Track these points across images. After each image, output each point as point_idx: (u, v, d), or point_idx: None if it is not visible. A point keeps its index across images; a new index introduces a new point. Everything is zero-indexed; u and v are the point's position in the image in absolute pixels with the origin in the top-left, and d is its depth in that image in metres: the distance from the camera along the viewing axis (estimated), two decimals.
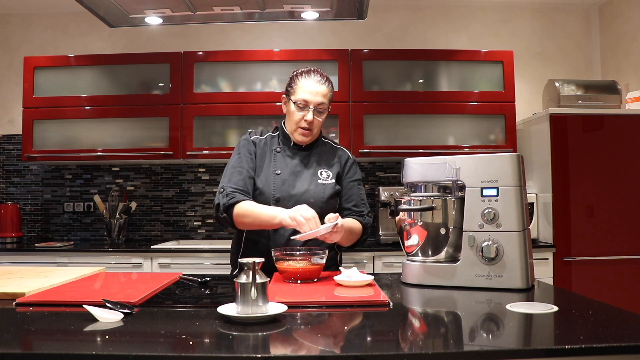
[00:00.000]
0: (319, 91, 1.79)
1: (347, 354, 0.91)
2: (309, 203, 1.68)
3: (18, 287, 1.40)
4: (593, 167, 3.03)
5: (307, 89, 1.79)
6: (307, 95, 1.78)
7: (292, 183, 1.80)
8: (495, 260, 1.46)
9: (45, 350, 0.95)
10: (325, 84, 1.82)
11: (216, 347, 0.96)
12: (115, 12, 2.29)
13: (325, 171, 1.85)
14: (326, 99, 1.81)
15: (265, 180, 1.80)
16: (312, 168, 1.85)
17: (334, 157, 1.91)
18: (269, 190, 1.79)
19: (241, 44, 3.71)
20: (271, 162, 1.84)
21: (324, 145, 1.93)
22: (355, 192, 1.89)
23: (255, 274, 1.11)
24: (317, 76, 1.82)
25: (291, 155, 1.86)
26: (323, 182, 1.82)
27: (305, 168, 1.84)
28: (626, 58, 3.50)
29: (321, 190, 1.80)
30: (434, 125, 3.39)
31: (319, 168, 1.85)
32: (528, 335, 1.08)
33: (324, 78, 1.83)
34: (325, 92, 1.81)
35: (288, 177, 1.81)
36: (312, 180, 1.81)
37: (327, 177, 1.84)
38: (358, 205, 1.88)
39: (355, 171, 1.93)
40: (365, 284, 1.44)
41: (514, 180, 1.47)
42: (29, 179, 3.72)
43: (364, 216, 1.87)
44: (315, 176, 1.83)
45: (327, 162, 1.88)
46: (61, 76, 3.41)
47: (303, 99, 1.78)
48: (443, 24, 3.78)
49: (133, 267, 3.03)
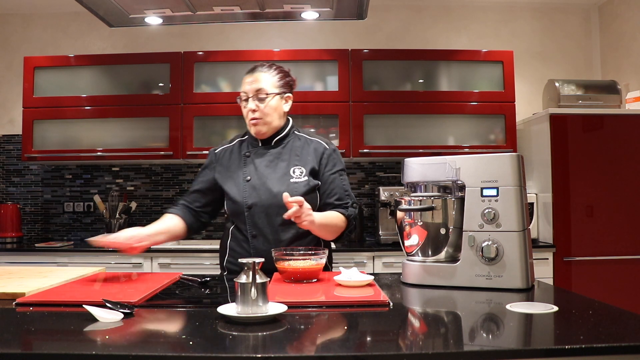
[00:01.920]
0: (253, 79, 1.76)
1: (347, 354, 0.91)
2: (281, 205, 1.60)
3: (18, 287, 1.39)
4: (593, 167, 3.03)
5: (243, 81, 1.79)
6: (243, 86, 1.78)
7: (262, 188, 1.75)
8: (495, 260, 1.46)
9: (45, 350, 0.95)
10: (264, 71, 1.78)
11: (216, 347, 0.96)
12: (115, 12, 2.29)
13: (298, 168, 1.78)
14: (264, 84, 1.76)
15: (236, 188, 1.78)
16: (283, 167, 1.78)
17: (309, 150, 1.82)
18: (241, 198, 1.77)
19: (241, 44, 3.71)
20: (241, 169, 1.81)
21: (297, 139, 1.85)
22: (337, 184, 1.81)
23: (255, 274, 1.11)
24: (255, 68, 1.79)
25: (261, 158, 1.81)
26: (295, 181, 1.75)
27: (276, 168, 1.78)
28: (626, 58, 3.50)
29: (293, 189, 1.71)
30: (434, 125, 3.39)
31: (291, 166, 1.78)
32: (528, 335, 1.08)
33: (262, 67, 1.79)
34: (263, 78, 1.76)
35: (257, 182, 1.76)
36: (284, 181, 1.75)
37: (300, 174, 1.77)
38: (342, 198, 1.80)
39: (335, 162, 1.83)
40: (365, 284, 1.44)
41: (514, 180, 1.47)
42: (29, 179, 3.72)
43: (347, 208, 1.80)
44: (287, 175, 1.76)
45: (300, 157, 1.80)
46: (61, 76, 3.41)
47: (242, 91, 1.78)
48: (443, 24, 3.78)
49: (133, 267, 3.03)
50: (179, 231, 1.85)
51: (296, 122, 2.55)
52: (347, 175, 1.87)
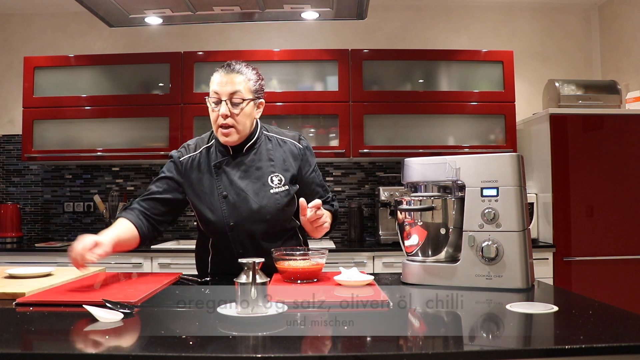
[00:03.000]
0: (229, 80, 1.59)
1: (347, 354, 0.91)
2: (266, 220, 1.59)
3: (18, 287, 1.40)
4: (593, 167, 3.03)
5: (216, 80, 1.61)
6: (216, 87, 1.60)
7: (242, 204, 1.64)
8: (495, 260, 1.46)
9: (45, 350, 0.95)
10: (240, 72, 1.62)
11: (216, 347, 0.96)
12: (115, 12, 2.29)
13: (275, 176, 1.67)
14: (241, 87, 1.60)
15: (212, 207, 1.66)
16: (260, 177, 1.67)
17: (284, 153, 1.72)
18: (221, 218, 1.65)
19: (241, 44, 3.71)
20: (213, 182, 1.67)
21: (268, 141, 1.73)
22: (316, 183, 1.76)
23: (255, 274, 1.11)
24: (230, 67, 1.62)
25: (233, 169, 1.67)
26: (276, 191, 1.66)
27: (252, 179, 1.66)
28: (626, 58, 3.50)
29: (275, 201, 1.65)
30: (434, 125, 3.39)
31: (267, 174, 1.67)
32: (528, 335, 1.08)
33: (238, 66, 1.63)
34: (239, 79, 1.60)
35: (236, 198, 1.64)
36: (264, 194, 1.65)
37: (279, 182, 1.67)
38: (322, 195, 1.76)
39: (310, 160, 1.76)
40: (365, 284, 1.44)
41: (514, 180, 1.47)
42: (29, 179, 3.72)
43: (331, 203, 1.78)
44: (266, 186, 1.66)
45: (276, 162, 1.70)
46: (61, 76, 3.41)
47: (213, 91, 1.61)
48: (443, 24, 3.78)
49: (133, 267, 3.03)
50: (132, 243, 1.62)
51: (296, 122, 2.53)
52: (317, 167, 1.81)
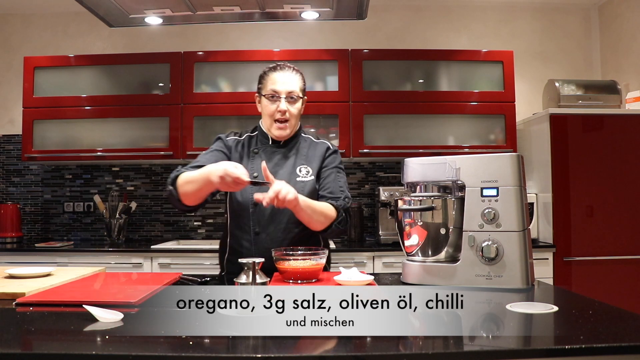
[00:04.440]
0: (287, 80, 1.78)
1: (347, 354, 0.91)
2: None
3: (18, 287, 1.39)
4: (593, 167, 3.03)
5: (275, 79, 1.79)
6: (276, 85, 1.78)
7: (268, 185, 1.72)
8: (495, 260, 1.46)
9: (45, 350, 0.95)
10: (294, 73, 1.81)
11: (216, 347, 0.96)
12: (115, 12, 2.29)
13: (304, 167, 1.81)
14: (296, 87, 1.79)
15: None
16: (290, 166, 1.80)
17: (315, 151, 1.86)
18: (247, 194, 1.74)
19: (241, 44, 3.70)
20: (248, 164, 1.80)
21: (304, 140, 1.89)
22: (331, 179, 1.82)
23: (255, 274, 1.11)
24: (285, 68, 1.81)
25: (269, 155, 1.82)
26: (302, 180, 1.78)
27: (284, 167, 1.80)
28: (626, 58, 3.50)
29: (300, 188, 1.72)
30: (434, 125, 3.39)
31: (297, 165, 1.81)
32: (528, 335, 1.08)
33: (291, 69, 1.82)
34: (295, 80, 1.80)
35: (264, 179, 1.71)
36: (290, 179, 1.75)
37: (306, 173, 1.80)
38: (333, 192, 1.79)
39: (334, 159, 1.86)
40: (365, 284, 1.44)
41: (514, 180, 1.47)
42: (29, 179, 3.72)
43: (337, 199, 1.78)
44: (294, 174, 1.78)
45: (306, 158, 1.83)
46: (61, 76, 3.41)
47: (273, 89, 1.78)
48: (443, 24, 3.78)
49: (133, 267, 3.02)
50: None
51: None
52: (345, 175, 1.87)
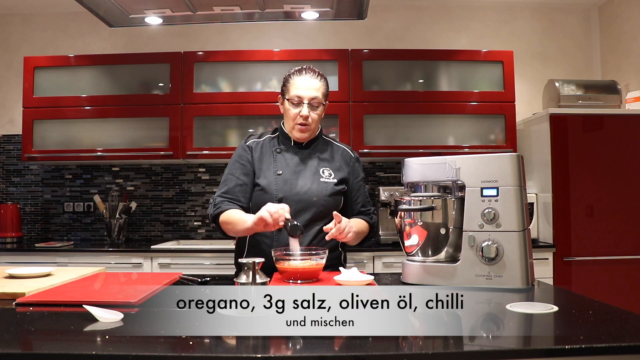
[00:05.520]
0: (311, 86, 1.82)
1: (347, 354, 0.91)
2: (311, 201, 1.75)
3: (18, 287, 1.39)
4: (593, 167, 3.03)
5: (299, 85, 1.82)
6: (299, 91, 1.81)
7: (293, 182, 1.81)
8: (495, 260, 1.46)
9: (45, 350, 0.95)
10: (318, 78, 1.85)
11: (216, 347, 0.96)
12: (115, 12, 2.29)
13: (327, 169, 1.86)
14: (319, 93, 1.83)
15: (267, 180, 1.82)
16: (313, 167, 1.86)
17: (338, 156, 1.92)
18: (272, 190, 1.80)
19: (241, 44, 3.71)
20: (272, 163, 1.85)
21: (325, 143, 1.95)
22: (362, 192, 1.95)
23: (255, 274, 1.11)
24: (309, 73, 1.85)
25: (292, 155, 1.87)
26: (325, 181, 1.83)
27: (307, 167, 1.85)
28: (626, 58, 3.50)
29: (323, 188, 1.81)
30: (434, 125, 3.38)
31: (320, 166, 1.86)
32: (528, 335, 1.08)
33: (316, 74, 1.86)
34: (318, 86, 1.83)
35: (290, 176, 1.82)
36: (314, 179, 1.82)
37: (329, 175, 1.85)
38: (365, 205, 1.94)
39: (360, 170, 1.97)
40: (365, 284, 1.44)
41: (514, 180, 1.47)
42: (29, 179, 3.72)
43: (370, 215, 1.95)
44: (317, 174, 1.84)
45: (329, 161, 1.89)
46: (61, 76, 3.41)
47: (296, 95, 1.81)
48: (443, 24, 3.78)
49: (133, 267, 3.02)
50: None
51: None
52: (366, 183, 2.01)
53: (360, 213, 1.93)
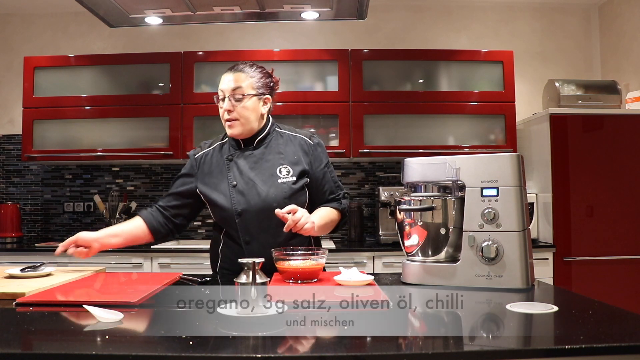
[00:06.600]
0: (230, 78, 1.74)
1: (347, 354, 0.91)
2: (272, 207, 1.61)
3: (18, 287, 1.40)
4: (593, 167, 3.03)
5: (221, 81, 1.77)
6: (220, 86, 1.76)
7: (250, 191, 1.72)
8: (495, 260, 1.46)
9: (45, 350, 0.95)
10: (240, 70, 1.75)
11: (216, 347, 0.96)
12: (115, 12, 2.29)
13: (284, 167, 1.75)
14: (240, 83, 1.73)
15: (223, 195, 1.74)
16: (268, 168, 1.75)
17: (294, 147, 1.80)
18: (229, 205, 1.73)
19: (241, 44, 3.71)
20: (225, 174, 1.77)
21: (279, 137, 1.82)
22: (328, 179, 1.82)
23: (255, 274, 1.11)
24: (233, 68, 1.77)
25: (244, 161, 1.77)
26: (283, 181, 1.73)
27: (262, 169, 1.75)
28: (626, 58, 3.50)
29: (282, 190, 1.71)
30: (434, 125, 3.39)
31: (276, 166, 1.75)
32: (528, 335, 1.08)
33: (242, 65, 1.77)
34: (240, 77, 1.74)
35: (244, 186, 1.73)
36: (272, 183, 1.72)
37: (286, 173, 1.74)
38: (333, 192, 1.83)
39: (322, 156, 1.83)
40: (365, 283, 1.44)
41: (514, 180, 1.47)
42: (29, 179, 3.72)
43: (339, 200, 1.83)
44: (274, 176, 1.73)
45: (284, 155, 1.78)
46: (61, 76, 3.41)
47: (219, 89, 1.76)
48: (443, 24, 3.78)
49: (133, 267, 3.03)
50: (140, 235, 1.80)
51: (296, 122, 2.53)
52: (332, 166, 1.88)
53: (328, 201, 1.82)
